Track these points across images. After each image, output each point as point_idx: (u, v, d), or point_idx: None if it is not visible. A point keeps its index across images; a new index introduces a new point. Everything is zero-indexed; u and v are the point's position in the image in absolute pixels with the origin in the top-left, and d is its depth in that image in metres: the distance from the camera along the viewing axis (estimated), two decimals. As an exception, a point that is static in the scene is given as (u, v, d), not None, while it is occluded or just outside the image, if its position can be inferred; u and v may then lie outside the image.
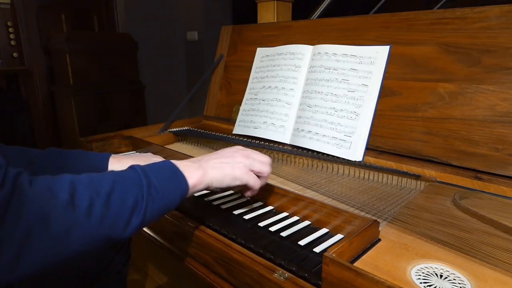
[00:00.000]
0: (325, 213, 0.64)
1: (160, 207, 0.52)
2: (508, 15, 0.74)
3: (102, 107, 2.77)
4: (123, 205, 0.48)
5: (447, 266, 0.51)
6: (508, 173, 0.71)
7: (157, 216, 0.53)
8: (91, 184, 0.47)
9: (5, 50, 2.74)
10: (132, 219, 0.48)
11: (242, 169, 0.63)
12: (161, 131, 1.26)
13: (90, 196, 0.45)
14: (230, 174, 0.61)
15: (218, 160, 0.63)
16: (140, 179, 0.51)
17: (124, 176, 0.51)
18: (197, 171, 0.59)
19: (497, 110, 0.73)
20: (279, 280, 0.52)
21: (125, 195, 0.48)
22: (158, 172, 0.54)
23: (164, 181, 0.53)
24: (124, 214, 0.48)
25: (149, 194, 0.51)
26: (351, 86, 0.94)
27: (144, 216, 0.50)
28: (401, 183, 0.82)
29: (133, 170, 0.53)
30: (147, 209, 0.50)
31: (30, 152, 0.73)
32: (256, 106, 1.16)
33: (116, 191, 0.48)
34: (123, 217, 0.48)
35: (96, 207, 0.45)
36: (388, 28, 0.92)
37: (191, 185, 0.57)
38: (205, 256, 0.65)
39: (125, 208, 0.48)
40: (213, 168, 0.61)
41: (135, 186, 0.50)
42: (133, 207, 0.49)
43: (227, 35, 1.37)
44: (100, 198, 0.46)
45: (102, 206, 0.46)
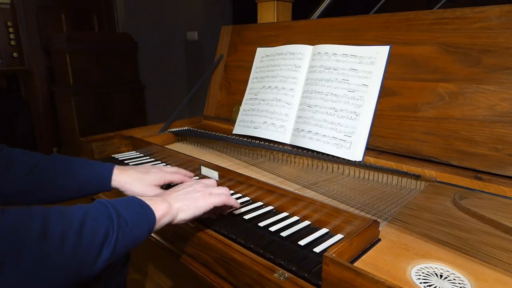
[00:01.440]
0: (325, 213, 0.64)
1: (129, 240, 0.52)
2: (508, 15, 0.74)
3: (102, 107, 2.77)
4: (94, 236, 0.48)
5: (447, 266, 0.51)
6: (508, 173, 0.71)
7: (126, 249, 0.53)
8: (63, 215, 0.47)
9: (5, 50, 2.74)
10: (102, 251, 0.48)
11: (203, 197, 0.64)
12: (161, 131, 1.26)
13: (62, 228, 0.45)
14: (194, 204, 0.63)
15: (180, 193, 0.65)
16: (110, 212, 0.52)
17: (94, 208, 0.51)
18: (162, 203, 0.59)
19: (497, 110, 0.73)
20: (279, 280, 0.52)
21: (97, 226, 0.48)
22: (127, 206, 0.55)
23: (133, 214, 0.54)
24: (95, 246, 0.47)
25: (119, 226, 0.51)
26: (351, 86, 0.94)
27: (114, 248, 0.50)
28: (401, 183, 0.82)
29: (101, 204, 0.53)
30: (117, 241, 0.50)
31: (35, 155, 0.74)
32: (256, 106, 1.16)
33: (87, 222, 0.48)
34: (94, 249, 0.47)
35: (68, 239, 0.45)
36: (388, 28, 0.92)
37: (158, 218, 0.57)
38: (205, 256, 0.65)
39: (96, 239, 0.48)
40: (177, 200, 0.62)
41: (105, 217, 0.50)
42: (104, 239, 0.49)
43: (227, 35, 1.37)
44: (73, 230, 0.46)
45: (75, 238, 0.45)
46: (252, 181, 0.77)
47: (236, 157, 1.04)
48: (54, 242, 0.43)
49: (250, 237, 0.62)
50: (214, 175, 0.86)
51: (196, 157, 0.92)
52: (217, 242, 0.63)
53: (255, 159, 1.02)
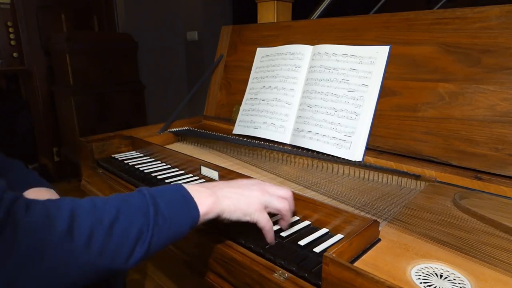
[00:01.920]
0: (325, 213, 0.64)
1: (167, 237, 0.49)
2: (508, 15, 0.74)
3: (102, 107, 2.77)
4: (126, 236, 0.45)
5: (447, 266, 0.51)
6: (508, 173, 0.71)
7: (163, 247, 0.50)
8: (94, 211, 0.44)
9: (5, 50, 2.74)
10: (135, 250, 0.45)
11: (257, 205, 0.58)
12: (161, 131, 1.26)
13: (91, 225, 0.42)
14: (243, 209, 0.57)
15: (233, 190, 0.58)
16: (147, 206, 0.48)
17: (130, 202, 0.48)
18: (209, 197, 0.55)
19: (497, 110, 0.73)
20: (279, 280, 0.52)
21: (130, 224, 0.45)
22: (168, 198, 0.51)
23: (173, 209, 0.50)
24: (126, 245, 0.45)
25: (156, 223, 0.47)
26: (351, 86, 0.94)
27: (149, 247, 0.47)
28: (401, 183, 0.82)
29: (141, 194, 0.50)
30: (152, 240, 0.47)
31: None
32: (256, 106, 1.15)
33: (120, 220, 0.45)
34: (125, 248, 0.45)
35: (96, 237, 0.42)
36: (388, 28, 0.92)
37: (202, 214, 0.53)
38: (205, 256, 0.65)
39: (128, 239, 0.45)
40: (227, 198, 0.56)
41: (140, 214, 0.47)
42: (137, 238, 0.46)
43: (227, 35, 1.37)
44: (102, 228, 0.43)
45: (104, 236, 0.43)
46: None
47: (236, 157, 1.04)
48: (80, 241, 0.41)
49: (250, 237, 0.62)
50: (214, 175, 0.86)
51: (196, 157, 0.92)
52: (217, 242, 0.62)
53: (255, 159, 1.02)
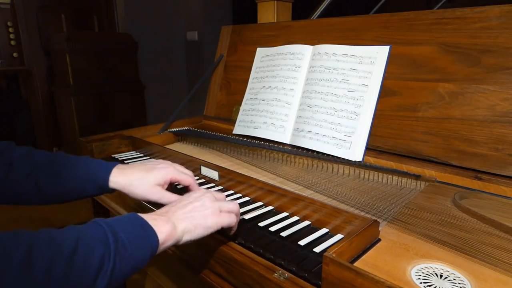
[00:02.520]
0: (325, 213, 0.64)
1: (129, 267, 0.48)
2: (508, 15, 0.74)
3: (102, 107, 2.77)
4: (87, 266, 0.43)
5: (447, 266, 0.51)
6: (508, 173, 0.71)
7: (125, 277, 0.48)
8: (52, 241, 0.42)
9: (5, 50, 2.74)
10: (97, 281, 0.44)
11: (213, 215, 0.58)
12: (161, 131, 1.26)
13: (50, 256, 0.40)
14: (202, 224, 0.57)
15: (186, 209, 0.58)
16: (106, 236, 0.47)
17: (88, 232, 0.47)
18: (166, 225, 0.53)
19: (497, 110, 0.73)
20: (279, 280, 0.52)
21: (90, 254, 0.44)
22: (126, 227, 0.50)
23: (133, 238, 0.49)
24: (88, 276, 0.43)
25: (117, 252, 0.46)
26: (351, 86, 0.94)
27: (111, 277, 0.45)
28: (401, 183, 0.82)
29: (97, 225, 0.49)
30: (114, 270, 0.45)
31: (37, 156, 0.71)
32: (256, 106, 1.16)
33: (79, 250, 0.43)
34: (87, 279, 0.43)
35: (56, 270, 0.40)
36: (388, 28, 0.92)
37: (161, 241, 0.52)
38: (205, 256, 0.65)
39: (89, 270, 0.43)
40: (182, 220, 0.56)
41: (100, 243, 0.45)
42: (98, 268, 0.44)
43: (227, 35, 1.37)
44: (62, 259, 0.41)
45: (64, 268, 0.41)
46: (252, 181, 0.77)
47: (236, 157, 1.04)
48: (39, 273, 0.39)
49: (250, 237, 0.62)
50: (214, 175, 0.86)
51: (196, 157, 0.92)
52: (217, 242, 0.62)
53: (255, 159, 1.02)
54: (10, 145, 0.71)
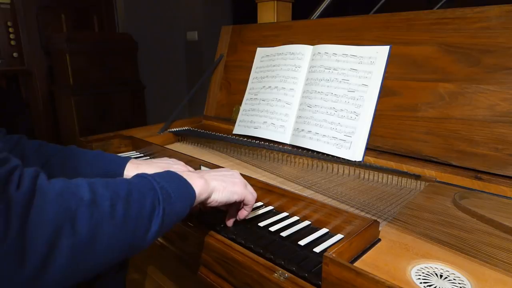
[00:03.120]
0: (325, 213, 0.64)
1: (175, 213, 0.51)
2: (508, 15, 0.74)
3: (102, 107, 2.76)
4: (142, 207, 0.46)
5: (447, 266, 0.51)
6: (508, 173, 0.71)
7: (172, 224, 0.51)
8: (109, 186, 0.45)
9: (5, 50, 2.73)
10: (152, 221, 0.47)
11: (241, 184, 0.63)
12: (161, 131, 1.26)
13: (110, 196, 0.43)
14: (230, 188, 0.61)
15: (218, 173, 0.63)
16: (153, 184, 0.50)
17: (136, 181, 0.50)
18: (199, 179, 0.57)
19: (497, 110, 0.73)
20: (279, 280, 0.52)
21: (143, 197, 0.47)
22: (168, 179, 0.53)
23: (175, 187, 0.52)
24: (144, 216, 0.46)
25: (164, 198, 0.49)
26: (351, 86, 0.94)
27: (163, 220, 0.48)
28: (401, 183, 0.82)
29: (142, 177, 0.52)
30: (164, 213, 0.48)
31: (48, 149, 0.71)
32: (256, 106, 1.15)
33: (133, 193, 0.46)
34: (143, 219, 0.46)
35: (117, 207, 0.43)
36: (388, 28, 0.92)
37: (197, 193, 0.56)
38: (205, 256, 0.65)
39: (144, 211, 0.46)
40: (214, 180, 0.60)
41: (149, 190, 0.49)
42: (151, 210, 0.47)
43: (227, 35, 1.37)
44: (120, 199, 0.44)
45: (123, 206, 0.44)
46: (252, 181, 0.77)
47: (236, 157, 1.04)
48: (104, 209, 0.41)
49: (250, 237, 0.62)
50: (214, 175, 0.86)
51: (196, 157, 0.92)
52: (217, 242, 0.62)
53: (255, 159, 1.02)
54: (22, 139, 0.71)
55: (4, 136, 0.71)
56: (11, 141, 0.70)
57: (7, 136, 0.71)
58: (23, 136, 0.72)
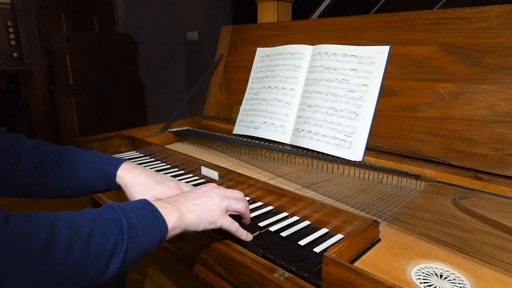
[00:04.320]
0: (325, 213, 0.64)
1: (139, 251, 0.50)
2: (508, 15, 0.74)
3: (102, 107, 2.77)
4: (103, 248, 0.45)
5: (447, 266, 0.51)
6: (508, 173, 0.71)
7: (135, 261, 0.50)
8: (70, 223, 0.44)
9: (5, 50, 2.73)
10: (111, 263, 0.46)
11: (219, 212, 0.60)
12: (161, 131, 1.26)
13: (69, 237, 0.42)
14: (207, 218, 0.59)
15: (195, 202, 0.60)
16: (120, 220, 0.49)
17: (103, 216, 0.48)
18: (175, 213, 0.55)
19: (497, 110, 0.73)
20: (279, 280, 0.52)
21: (106, 237, 0.46)
22: (138, 213, 0.51)
23: (144, 223, 0.51)
24: (103, 257, 0.45)
25: (129, 237, 0.48)
26: (351, 86, 0.94)
27: (124, 260, 0.47)
28: (401, 183, 0.82)
29: (112, 210, 0.50)
30: (127, 253, 0.47)
31: (45, 148, 0.71)
32: (256, 106, 1.15)
33: (96, 232, 0.45)
34: (102, 260, 0.45)
35: (75, 250, 0.42)
36: (388, 28, 0.92)
37: (170, 229, 0.54)
38: (205, 256, 0.65)
39: (104, 251, 0.45)
40: (190, 212, 0.57)
41: (115, 227, 0.47)
42: (113, 250, 0.46)
43: (227, 35, 1.37)
44: (80, 240, 0.43)
45: (82, 248, 0.43)
46: (252, 181, 0.77)
47: (236, 157, 1.04)
48: (60, 253, 0.41)
49: (250, 237, 0.62)
50: (214, 175, 0.86)
51: (196, 157, 0.92)
52: (217, 242, 0.62)
53: (255, 159, 1.02)
54: (21, 138, 0.72)
55: (5, 134, 0.71)
56: (9, 139, 0.70)
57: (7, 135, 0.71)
58: (22, 135, 0.72)
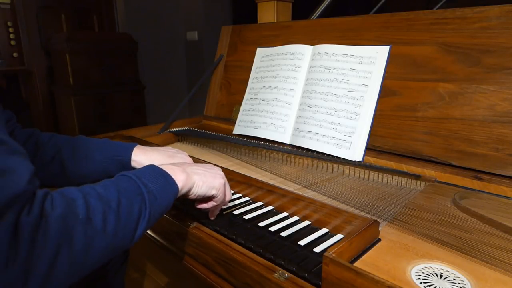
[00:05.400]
0: (325, 213, 0.64)
1: (159, 212, 0.55)
2: (508, 15, 0.74)
3: (102, 107, 2.76)
4: (130, 216, 0.50)
5: (447, 266, 0.51)
6: (508, 173, 0.71)
7: (156, 220, 0.55)
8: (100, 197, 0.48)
9: (5, 50, 2.73)
10: (138, 227, 0.51)
11: (221, 180, 0.65)
12: (161, 131, 1.26)
13: (103, 210, 0.47)
14: (209, 182, 0.63)
15: (199, 167, 0.65)
16: (140, 188, 0.53)
17: (125, 187, 0.53)
18: (182, 173, 0.60)
19: (497, 110, 0.73)
20: (279, 280, 0.52)
21: (131, 205, 0.50)
22: (153, 179, 0.56)
23: (160, 187, 0.55)
24: (132, 224, 0.50)
25: (150, 201, 0.53)
26: (351, 86, 0.94)
27: (148, 221, 0.52)
28: (401, 183, 0.82)
29: (130, 179, 0.54)
30: (150, 216, 0.52)
31: (60, 139, 0.77)
32: (256, 106, 1.15)
33: (122, 202, 0.50)
34: (131, 226, 0.50)
35: (109, 221, 0.47)
36: (388, 28, 0.92)
37: (180, 188, 0.59)
38: (205, 256, 0.65)
39: (132, 218, 0.50)
40: (195, 173, 0.62)
41: (137, 195, 0.52)
42: (138, 216, 0.51)
43: (227, 35, 1.37)
44: (112, 212, 0.48)
45: (114, 219, 0.48)
46: (252, 181, 0.77)
47: (236, 157, 1.04)
48: (97, 225, 0.45)
49: (250, 237, 0.62)
50: (214, 175, 0.86)
51: (196, 157, 0.92)
52: (217, 242, 0.62)
53: (255, 159, 1.02)
54: (36, 131, 0.78)
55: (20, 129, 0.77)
56: (25, 133, 0.76)
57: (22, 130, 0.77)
58: (36, 129, 0.78)
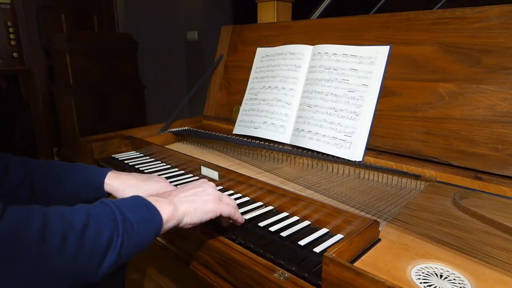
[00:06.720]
0: (325, 213, 0.64)
1: (136, 245, 0.50)
2: (508, 15, 0.74)
3: (102, 107, 2.77)
4: (97, 240, 0.44)
5: (447, 266, 0.51)
6: (508, 173, 0.71)
7: (132, 255, 0.50)
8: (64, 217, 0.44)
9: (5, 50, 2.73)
10: (106, 257, 0.45)
11: (213, 200, 0.61)
12: (161, 131, 1.26)
13: (63, 229, 0.42)
14: (202, 208, 0.59)
15: (187, 193, 0.61)
16: (114, 214, 0.48)
17: (97, 210, 0.48)
18: (168, 205, 0.55)
19: (497, 110, 0.73)
20: (279, 280, 0.52)
21: (100, 229, 0.45)
22: (133, 208, 0.51)
23: (139, 217, 0.50)
24: (98, 250, 0.45)
25: (124, 230, 0.48)
26: (351, 86, 0.94)
27: (119, 253, 0.47)
28: (401, 183, 0.82)
29: (105, 205, 0.50)
30: (122, 247, 0.47)
31: (31, 163, 0.73)
32: (256, 106, 1.15)
33: (90, 225, 0.45)
34: (97, 253, 0.44)
35: (69, 242, 0.42)
36: (388, 28, 0.92)
37: (165, 221, 0.54)
38: (205, 256, 0.65)
39: (100, 244, 0.45)
40: (183, 202, 0.58)
41: (109, 221, 0.47)
42: (108, 243, 0.46)
43: (227, 35, 1.37)
44: (74, 232, 0.43)
45: (76, 240, 0.43)
46: (252, 181, 0.77)
47: (236, 157, 1.04)
48: (53, 245, 0.40)
49: (250, 237, 0.62)
50: (214, 175, 0.86)
51: (196, 157, 0.92)
52: (217, 242, 0.62)
53: (255, 159, 1.02)
54: (7, 155, 0.73)
55: None
56: None
57: None
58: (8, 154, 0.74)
